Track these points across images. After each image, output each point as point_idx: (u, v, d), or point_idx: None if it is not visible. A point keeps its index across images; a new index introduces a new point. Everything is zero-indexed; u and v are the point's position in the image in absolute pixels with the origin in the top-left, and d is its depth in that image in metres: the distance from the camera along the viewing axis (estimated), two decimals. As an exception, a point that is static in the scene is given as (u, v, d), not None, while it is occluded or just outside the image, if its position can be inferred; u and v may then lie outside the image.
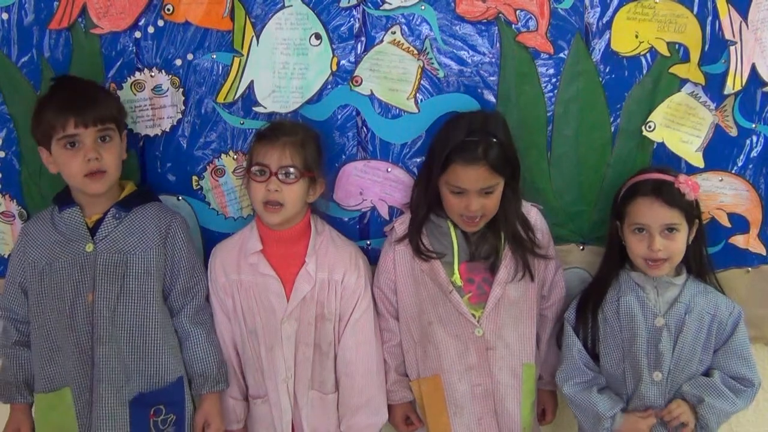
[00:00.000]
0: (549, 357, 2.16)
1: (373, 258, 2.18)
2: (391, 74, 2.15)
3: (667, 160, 2.18)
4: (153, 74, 2.16)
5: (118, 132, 2.02)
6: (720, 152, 2.19)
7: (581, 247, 2.23)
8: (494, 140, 1.98)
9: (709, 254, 2.13)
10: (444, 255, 2.06)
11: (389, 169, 2.19)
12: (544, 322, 2.16)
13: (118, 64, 2.16)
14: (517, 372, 2.08)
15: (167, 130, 2.18)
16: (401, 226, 2.11)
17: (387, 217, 2.21)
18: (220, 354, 2.09)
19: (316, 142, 2.09)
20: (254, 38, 2.14)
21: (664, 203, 1.98)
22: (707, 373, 2.03)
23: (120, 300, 1.98)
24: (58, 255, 1.99)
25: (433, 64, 2.15)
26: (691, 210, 2.01)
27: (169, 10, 2.13)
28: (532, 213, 2.12)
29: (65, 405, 1.99)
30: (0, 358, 2.10)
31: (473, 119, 2.04)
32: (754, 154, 2.20)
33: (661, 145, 2.18)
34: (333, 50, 2.15)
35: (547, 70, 2.16)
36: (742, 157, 2.20)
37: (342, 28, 2.15)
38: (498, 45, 2.15)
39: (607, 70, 2.16)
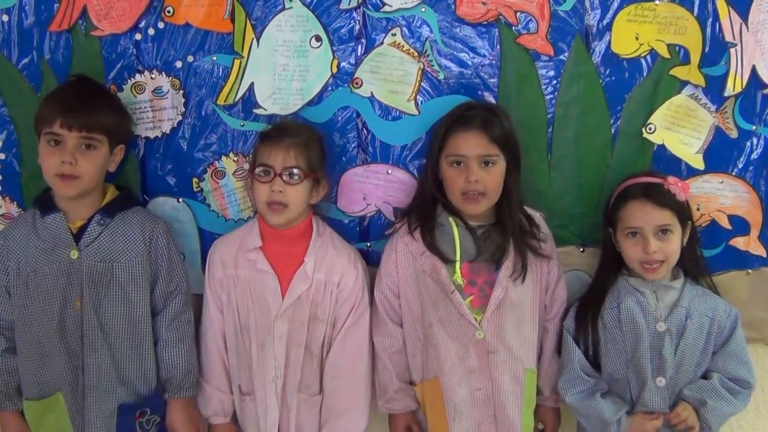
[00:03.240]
0: (549, 371, 2.13)
1: (373, 260, 2.18)
2: (391, 76, 2.15)
3: (667, 162, 2.18)
4: (153, 76, 2.16)
5: (107, 143, 2.00)
6: (720, 154, 2.19)
7: (581, 249, 2.23)
8: (494, 117, 2.01)
9: (704, 256, 2.13)
10: (451, 263, 2.04)
11: (389, 171, 2.19)
12: (546, 335, 2.13)
13: (119, 66, 2.16)
14: (518, 377, 2.05)
15: (167, 132, 2.18)
16: (402, 225, 2.10)
17: (393, 219, 2.20)
18: (190, 362, 2.07)
19: (319, 143, 2.09)
20: (254, 40, 2.14)
21: (655, 204, 1.99)
22: (705, 376, 2.03)
23: (107, 307, 1.98)
24: (42, 262, 1.98)
25: (433, 66, 2.15)
26: (682, 210, 2.02)
27: (169, 12, 2.13)
28: (535, 218, 2.11)
29: (60, 409, 2.00)
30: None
31: (472, 102, 2.09)
32: (754, 156, 2.20)
33: (662, 147, 2.18)
34: (333, 52, 2.15)
35: (547, 72, 2.16)
36: (742, 159, 2.20)
37: (342, 30, 2.15)
38: (498, 47, 2.15)
39: (608, 72, 2.16)
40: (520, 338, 2.06)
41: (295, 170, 2.00)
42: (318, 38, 2.14)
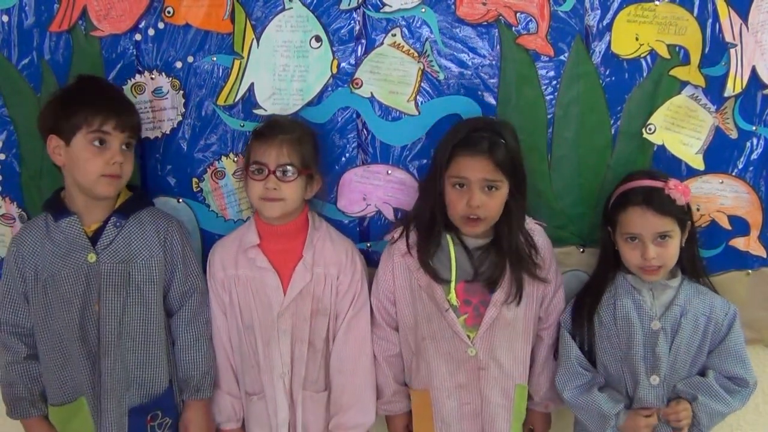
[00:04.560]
0: (542, 378, 2.12)
1: (372, 261, 2.18)
2: (391, 77, 2.15)
3: (667, 162, 2.18)
4: (153, 77, 2.16)
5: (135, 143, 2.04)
6: (720, 155, 2.19)
7: (581, 250, 2.23)
8: (501, 140, 1.97)
9: (701, 257, 2.13)
10: (447, 282, 2.02)
11: (389, 172, 2.19)
12: (540, 343, 2.13)
13: (119, 66, 2.16)
14: (508, 392, 2.06)
15: (167, 132, 2.18)
16: (400, 236, 2.08)
17: (393, 219, 2.20)
18: (207, 362, 2.07)
19: (313, 139, 2.09)
20: (254, 41, 2.14)
21: (656, 212, 1.97)
22: (702, 373, 2.03)
23: (125, 309, 1.97)
24: (59, 266, 1.96)
25: (433, 66, 2.15)
26: (682, 215, 2.01)
27: (169, 12, 2.13)
28: (536, 232, 2.09)
29: (84, 414, 1.99)
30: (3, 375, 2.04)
31: (479, 120, 2.07)
32: (754, 156, 2.19)
33: (662, 147, 2.18)
34: (333, 53, 2.15)
35: (547, 72, 2.16)
36: (742, 159, 2.20)
37: (342, 31, 2.15)
38: (498, 47, 2.15)
39: (608, 72, 2.16)
40: (512, 355, 2.06)
41: (289, 167, 2.00)
42: (318, 39, 2.14)
